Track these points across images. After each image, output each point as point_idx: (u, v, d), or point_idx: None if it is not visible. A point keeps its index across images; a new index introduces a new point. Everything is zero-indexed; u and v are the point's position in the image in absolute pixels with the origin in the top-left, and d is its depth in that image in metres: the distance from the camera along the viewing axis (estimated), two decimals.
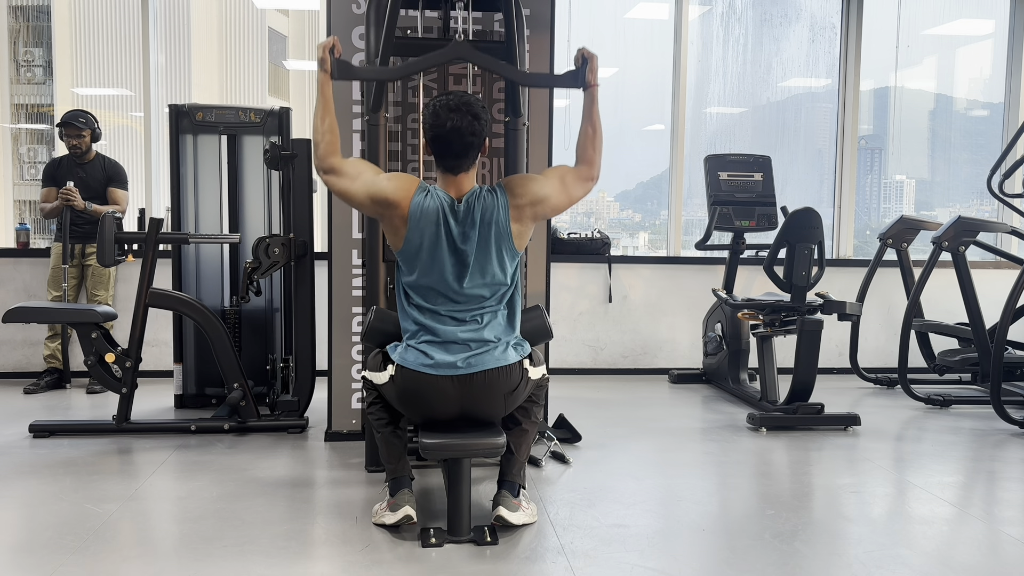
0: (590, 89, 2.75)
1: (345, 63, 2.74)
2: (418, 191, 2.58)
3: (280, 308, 4.39)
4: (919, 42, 6.50)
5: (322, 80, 2.66)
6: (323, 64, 2.66)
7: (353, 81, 3.56)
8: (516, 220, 2.61)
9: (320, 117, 2.62)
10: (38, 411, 4.28)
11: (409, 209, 2.55)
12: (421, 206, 2.56)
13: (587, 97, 2.76)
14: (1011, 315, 4.14)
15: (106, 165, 4.89)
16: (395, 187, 2.58)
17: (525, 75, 3.16)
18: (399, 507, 2.61)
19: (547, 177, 2.70)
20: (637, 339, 5.60)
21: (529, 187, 2.64)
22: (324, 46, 2.67)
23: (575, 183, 2.71)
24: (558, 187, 2.67)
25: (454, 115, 2.53)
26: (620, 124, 6.29)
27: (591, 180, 2.74)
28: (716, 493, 3.22)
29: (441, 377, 2.53)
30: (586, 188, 2.74)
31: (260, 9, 8.65)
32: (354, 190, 2.59)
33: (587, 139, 2.73)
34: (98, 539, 2.58)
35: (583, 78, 2.75)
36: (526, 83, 3.15)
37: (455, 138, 2.54)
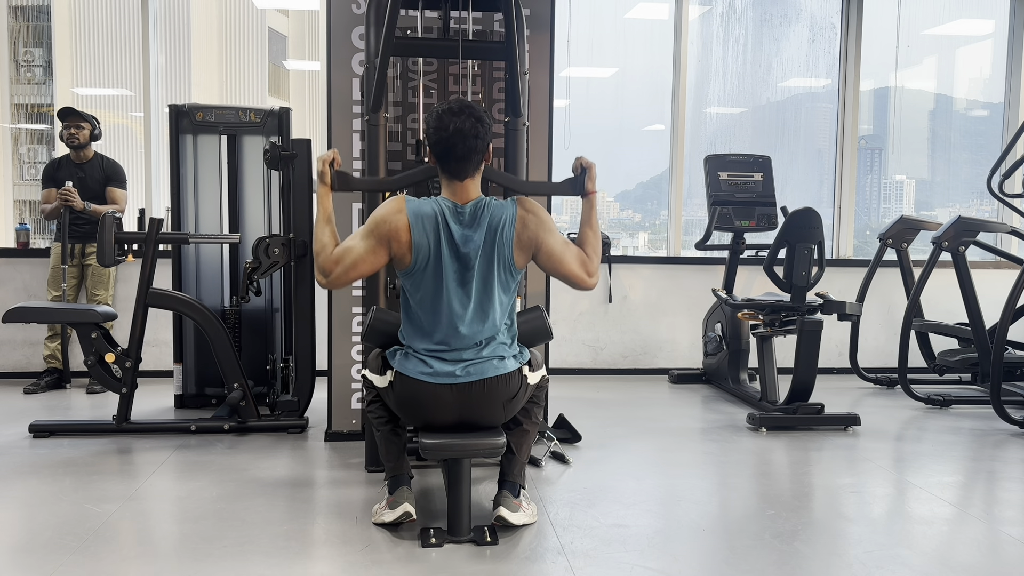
0: (589, 196, 2.79)
1: (344, 175, 2.81)
2: (408, 201, 2.57)
3: (280, 308, 4.39)
4: (919, 42, 6.50)
5: (322, 193, 2.70)
6: (323, 177, 2.71)
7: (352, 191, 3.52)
8: (519, 232, 2.57)
9: (321, 228, 2.62)
10: (38, 411, 4.28)
11: (408, 216, 2.53)
12: (418, 211, 2.55)
13: (586, 204, 2.80)
14: (1011, 315, 4.14)
15: (105, 165, 4.89)
16: (385, 211, 2.55)
17: (525, 184, 3.21)
18: (398, 504, 2.62)
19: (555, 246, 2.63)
20: (637, 339, 5.60)
21: (540, 213, 2.62)
22: (324, 160, 2.72)
23: (576, 263, 2.66)
24: (562, 246, 2.64)
25: (457, 118, 2.53)
26: (620, 124, 6.30)
27: (589, 276, 2.69)
28: (716, 493, 3.22)
29: (440, 386, 2.53)
30: (579, 277, 2.67)
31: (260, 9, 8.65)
32: (359, 255, 2.56)
33: (587, 242, 2.74)
34: (98, 539, 2.58)
35: (582, 186, 2.82)
36: (527, 192, 3.09)
37: (458, 140, 2.53)
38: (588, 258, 2.70)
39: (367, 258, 2.56)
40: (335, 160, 2.75)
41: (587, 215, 2.78)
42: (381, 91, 3.22)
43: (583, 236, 2.75)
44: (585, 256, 2.70)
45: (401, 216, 2.54)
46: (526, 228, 2.58)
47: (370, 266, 2.59)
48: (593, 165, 2.81)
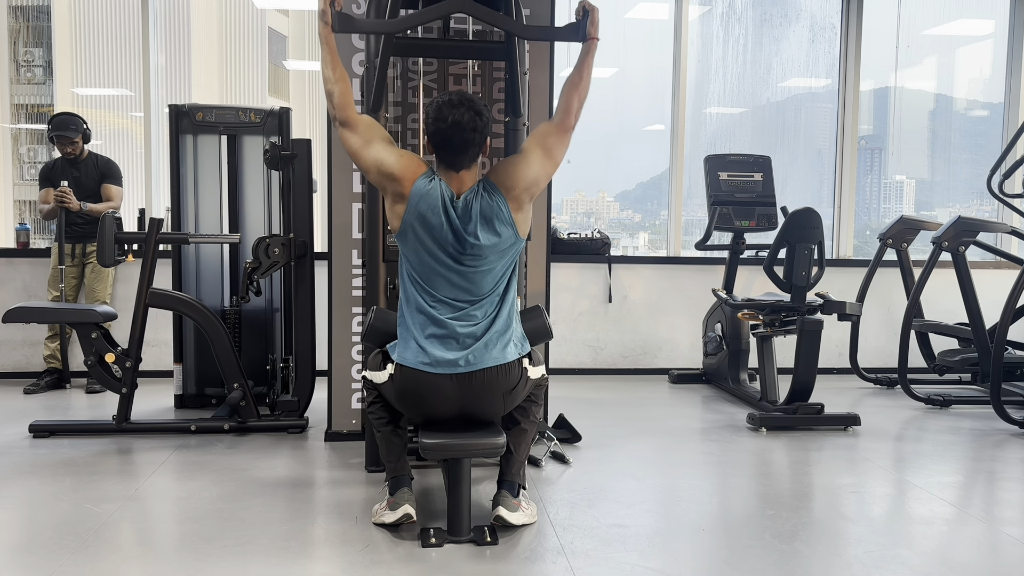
0: (589, 41, 2.73)
1: (346, 16, 2.74)
2: (424, 175, 2.58)
3: (280, 308, 4.39)
4: (919, 42, 6.50)
5: (324, 32, 2.66)
6: (324, 16, 2.66)
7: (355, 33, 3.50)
8: (516, 210, 2.60)
9: (330, 67, 2.63)
10: (38, 411, 4.28)
11: (411, 190, 2.55)
12: (424, 190, 2.55)
13: (584, 48, 2.73)
14: (1011, 315, 4.14)
15: (99, 163, 4.89)
16: (403, 165, 2.58)
17: (524, 27, 3.08)
18: (399, 506, 2.62)
19: (530, 153, 2.65)
20: (637, 339, 5.59)
21: (519, 175, 2.61)
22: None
23: (556, 142, 2.67)
24: (541, 159, 2.64)
25: (455, 110, 2.53)
26: (620, 124, 6.30)
27: (568, 131, 2.70)
28: (716, 493, 3.22)
29: (440, 375, 2.53)
30: (565, 142, 2.69)
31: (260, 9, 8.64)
32: (363, 154, 2.60)
33: (572, 85, 2.70)
34: (98, 539, 2.58)
35: (584, 30, 2.72)
36: (526, 36, 3.07)
37: (456, 132, 2.53)
38: (566, 111, 2.68)
39: (362, 161, 2.62)
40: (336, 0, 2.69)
41: (582, 59, 2.72)
42: (381, 91, 3.22)
43: (570, 80, 2.70)
44: (560, 114, 2.68)
45: (407, 185, 2.55)
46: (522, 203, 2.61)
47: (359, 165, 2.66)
48: (596, 9, 2.72)
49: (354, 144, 2.61)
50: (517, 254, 2.67)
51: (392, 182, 2.57)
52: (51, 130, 4.74)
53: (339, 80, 2.62)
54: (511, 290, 2.66)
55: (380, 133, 2.65)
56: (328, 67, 2.63)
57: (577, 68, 2.72)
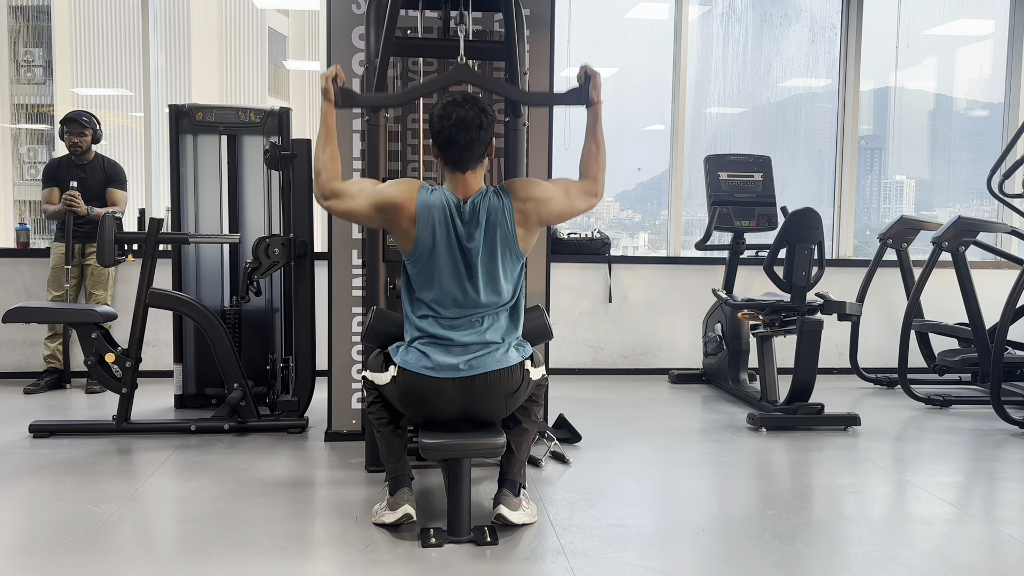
0: (593, 106, 2.76)
1: (348, 91, 2.77)
2: (421, 189, 2.59)
3: (280, 308, 4.38)
4: (919, 42, 6.50)
5: (325, 109, 2.67)
6: (327, 94, 2.68)
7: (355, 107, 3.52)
8: (521, 224, 2.60)
9: (323, 145, 2.62)
10: (38, 411, 4.28)
11: (416, 207, 2.55)
12: (427, 202, 2.56)
13: (591, 114, 2.77)
14: (1011, 315, 4.14)
15: (105, 166, 4.89)
16: (398, 190, 2.58)
17: (528, 95, 3.18)
18: (399, 506, 2.62)
19: (552, 183, 2.72)
20: (637, 339, 5.59)
21: (532, 189, 2.64)
22: (327, 75, 2.69)
23: (578, 195, 2.70)
24: (561, 194, 2.67)
25: (460, 108, 2.54)
26: (620, 124, 6.29)
27: (594, 196, 2.73)
28: (716, 493, 3.22)
29: (443, 379, 2.53)
30: (589, 203, 2.72)
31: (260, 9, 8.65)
32: (357, 206, 2.59)
33: (591, 156, 2.73)
34: (98, 539, 2.58)
35: (586, 95, 2.75)
36: (529, 103, 3.13)
37: (461, 129, 2.53)
38: (592, 179, 2.71)
39: (361, 213, 2.62)
40: (338, 76, 2.70)
41: (591, 126, 2.75)
42: (381, 91, 3.21)
43: (587, 151, 2.73)
44: (587, 180, 2.71)
45: (410, 204, 2.55)
46: (528, 217, 2.61)
47: (362, 221, 2.70)
48: (598, 74, 2.75)
49: (346, 205, 2.60)
50: (521, 268, 2.67)
51: (396, 210, 2.56)
52: (62, 121, 4.76)
53: (330, 159, 2.61)
54: (518, 301, 2.67)
55: (366, 182, 2.67)
56: (322, 146, 2.62)
57: (590, 135, 2.74)
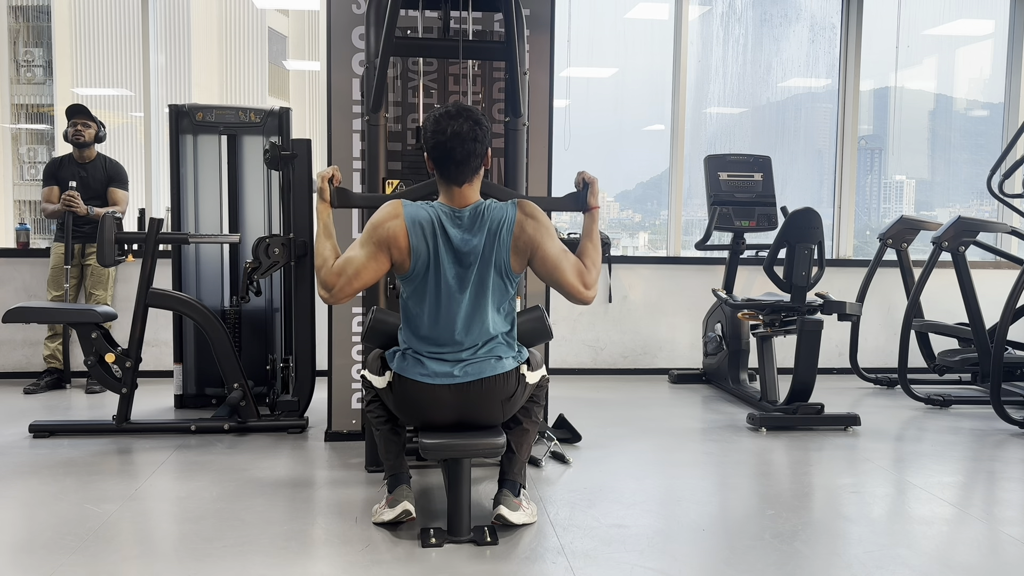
0: (591, 211, 2.79)
1: (344, 191, 2.82)
2: (404, 206, 2.57)
3: (280, 308, 4.39)
4: (919, 42, 6.50)
5: (321, 208, 2.71)
6: (322, 194, 2.72)
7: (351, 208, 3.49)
8: (515, 241, 2.55)
9: (322, 242, 2.61)
10: (38, 411, 4.28)
11: (406, 224, 2.52)
12: (414, 215, 2.54)
13: (588, 218, 2.79)
14: (1011, 315, 4.14)
15: (107, 165, 4.89)
16: (382, 215, 2.54)
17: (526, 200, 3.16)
18: (397, 503, 2.62)
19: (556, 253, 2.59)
20: (637, 339, 5.59)
21: (539, 216, 2.59)
22: (323, 176, 2.72)
23: (572, 272, 2.60)
24: (560, 253, 2.59)
25: (454, 122, 2.52)
26: (620, 124, 6.30)
27: (587, 288, 2.63)
28: (716, 493, 3.22)
29: (438, 386, 2.53)
30: (575, 288, 2.61)
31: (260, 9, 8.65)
32: (364, 274, 2.54)
33: (586, 255, 2.69)
34: (98, 539, 2.58)
35: (584, 201, 2.81)
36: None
37: (456, 143, 2.51)
38: (586, 269, 2.65)
39: (369, 265, 2.54)
40: (335, 176, 2.76)
41: (588, 229, 2.76)
42: (381, 91, 3.22)
43: (583, 249, 2.71)
44: (583, 267, 2.64)
45: (398, 221, 2.53)
46: (524, 232, 2.56)
47: (372, 274, 2.56)
48: (596, 180, 2.80)
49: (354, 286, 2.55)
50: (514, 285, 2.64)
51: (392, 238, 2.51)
52: (68, 111, 4.78)
53: (331, 255, 2.58)
54: (510, 313, 2.66)
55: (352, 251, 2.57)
56: (320, 242, 2.60)
57: (587, 236, 2.73)
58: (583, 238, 2.75)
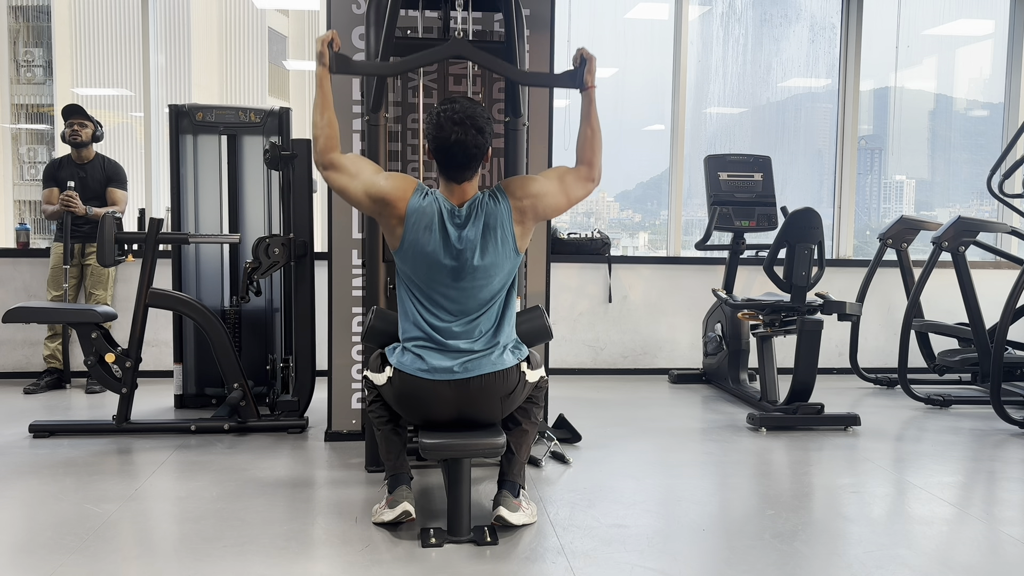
0: (588, 90, 2.74)
1: (344, 57, 2.74)
2: (416, 192, 2.58)
3: (280, 308, 4.39)
4: (919, 42, 6.50)
5: (321, 74, 2.66)
6: (322, 58, 2.66)
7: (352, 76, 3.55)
8: (519, 222, 2.61)
9: (319, 111, 2.62)
10: (38, 411, 4.28)
11: (406, 209, 2.55)
12: (419, 207, 2.56)
13: (585, 98, 2.75)
14: (1011, 315, 4.14)
15: (106, 165, 4.89)
16: (393, 186, 2.58)
17: (523, 74, 3.15)
18: (397, 503, 2.62)
19: (546, 176, 2.70)
20: (637, 339, 5.59)
21: (528, 187, 2.64)
22: (323, 40, 2.66)
23: (575, 183, 2.70)
24: (557, 186, 2.67)
25: (458, 129, 2.52)
26: (620, 124, 6.29)
27: (591, 181, 2.73)
28: (716, 493, 3.22)
29: (438, 382, 2.54)
30: (587, 189, 2.73)
31: (260, 9, 8.65)
32: (352, 188, 2.60)
33: (586, 141, 2.73)
34: (98, 539, 2.58)
35: (581, 79, 2.74)
36: (524, 82, 3.15)
37: (458, 151, 2.53)
38: (588, 164, 2.71)
39: (353, 195, 2.61)
40: (334, 40, 2.68)
41: (586, 110, 2.74)
42: (381, 91, 3.22)
43: (582, 136, 2.72)
44: (583, 166, 2.71)
45: (401, 204, 2.56)
46: (525, 215, 2.61)
47: (352, 203, 2.66)
48: (594, 58, 2.74)
49: (341, 182, 2.60)
50: (516, 268, 2.67)
51: (386, 206, 2.56)
52: (63, 111, 4.78)
53: (327, 126, 2.61)
54: (509, 302, 2.67)
55: (366, 164, 2.65)
56: (318, 112, 2.62)
57: (585, 120, 2.73)
58: (581, 122, 2.74)
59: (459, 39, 2.84)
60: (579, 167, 2.73)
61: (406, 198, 2.56)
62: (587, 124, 2.73)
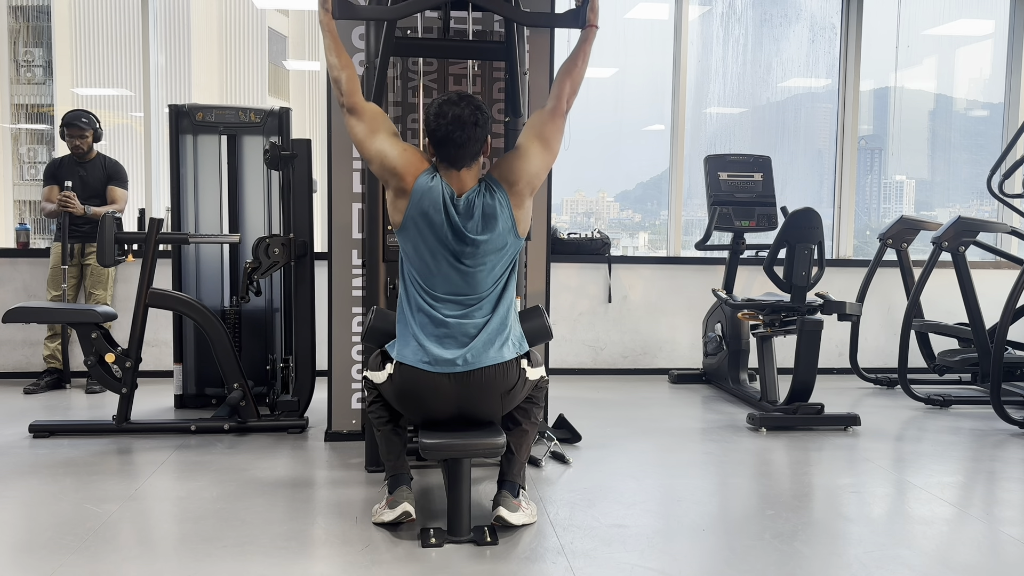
0: (589, 28, 2.73)
1: (346, 2, 2.72)
2: (426, 171, 2.58)
3: (280, 308, 4.39)
4: (919, 42, 6.50)
5: (325, 19, 2.66)
6: (324, 3, 2.66)
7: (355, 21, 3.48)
8: (518, 206, 2.61)
9: (334, 54, 2.64)
10: (38, 411, 4.28)
11: (413, 186, 2.55)
12: (426, 186, 2.55)
13: (583, 35, 2.74)
14: (1011, 315, 4.14)
15: (106, 164, 4.89)
16: (405, 159, 2.57)
17: (523, 14, 3.06)
18: (397, 504, 2.62)
19: (529, 146, 2.64)
20: (637, 339, 5.59)
21: (520, 169, 2.60)
22: None
23: (552, 132, 2.66)
24: (540, 150, 2.64)
25: (456, 107, 2.54)
26: (620, 124, 6.30)
27: (562, 116, 2.68)
28: (716, 493, 3.22)
29: (439, 374, 2.53)
30: (560, 128, 2.68)
31: (260, 9, 8.64)
32: (368, 144, 2.61)
33: (566, 71, 2.70)
34: (98, 539, 2.58)
35: (583, 17, 2.72)
36: (525, 22, 3.05)
37: (457, 127, 2.52)
38: (557, 98, 2.67)
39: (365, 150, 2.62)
40: None
41: (580, 46, 2.72)
42: (381, 91, 3.22)
43: (565, 67, 2.70)
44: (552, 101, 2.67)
45: (409, 180, 2.55)
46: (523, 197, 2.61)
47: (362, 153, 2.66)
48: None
49: (359, 132, 2.62)
50: (517, 254, 2.68)
51: (394, 176, 2.57)
52: (63, 124, 4.76)
53: (345, 67, 2.63)
54: (509, 289, 2.66)
55: (385, 124, 2.66)
56: (332, 54, 2.65)
57: (573, 54, 2.72)
58: (571, 54, 2.71)
59: None
60: (548, 107, 2.68)
61: (416, 175, 2.56)
62: (574, 57, 2.71)
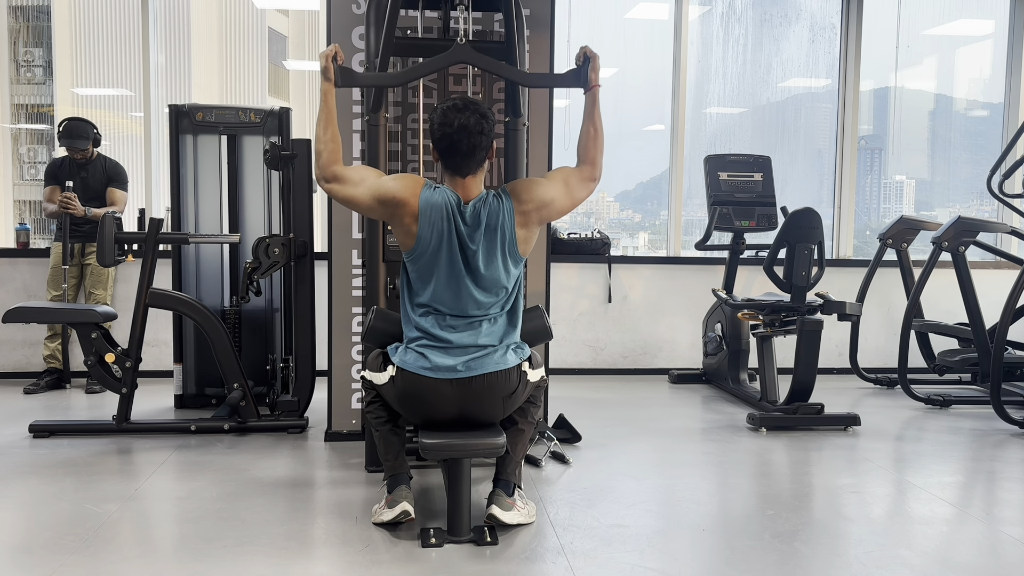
0: (592, 89, 2.74)
1: (348, 70, 2.74)
2: (425, 187, 2.59)
3: (280, 308, 4.39)
4: (919, 42, 6.49)
5: (325, 89, 2.65)
6: (326, 73, 2.66)
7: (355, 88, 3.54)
8: (522, 226, 2.61)
9: (323, 126, 2.61)
10: (38, 411, 4.28)
11: (419, 205, 2.55)
12: (430, 200, 2.55)
13: (589, 97, 2.76)
14: (1011, 315, 4.14)
15: (107, 166, 4.89)
16: (401, 186, 2.58)
17: (527, 76, 3.15)
18: (396, 503, 2.62)
19: (551, 180, 2.69)
20: (637, 339, 5.59)
21: (534, 192, 2.63)
22: (327, 55, 2.66)
23: (578, 184, 2.71)
24: (562, 190, 2.67)
25: (461, 114, 2.54)
26: (620, 124, 6.29)
27: (593, 181, 2.74)
28: (716, 493, 3.22)
29: (440, 380, 2.54)
30: (589, 189, 2.73)
31: (260, 9, 8.64)
32: (359, 195, 2.59)
33: (589, 139, 2.73)
34: (98, 539, 2.58)
35: (585, 78, 2.74)
36: (527, 84, 3.15)
37: (463, 136, 2.53)
38: (591, 164, 2.72)
39: (362, 203, 2.61)
40: (338, 54, 2.68)
41: (589, 109, 2.74)
42: (381, 91, 3.22)
43: (584, 134, 2.73)
44: (585, 166, 2.72)
45: (413, 201, 2.55)
46: (529, 220, 2.61)
47: (362, 211, 2.69)
48: (597, 56, 2.73)
49: (347, 191, 2.59)
50: (519, 272, 2.67)
51: (398, 206, 2.55)
52: (61, 135, 4.74)
53: (331, 140, 2.60)
54: (516, 306, 2.67)
55: (368, 171, 2.66)
56: (322, 126, 2.61)
57: (588, 118, 2.74)
58: (584, 120, 2.74)
59: (462, 45, 2.83)
60: (582, 167, 2.73)
61: (417, 193, 2.56)
62: (590, 123, 2.73)
